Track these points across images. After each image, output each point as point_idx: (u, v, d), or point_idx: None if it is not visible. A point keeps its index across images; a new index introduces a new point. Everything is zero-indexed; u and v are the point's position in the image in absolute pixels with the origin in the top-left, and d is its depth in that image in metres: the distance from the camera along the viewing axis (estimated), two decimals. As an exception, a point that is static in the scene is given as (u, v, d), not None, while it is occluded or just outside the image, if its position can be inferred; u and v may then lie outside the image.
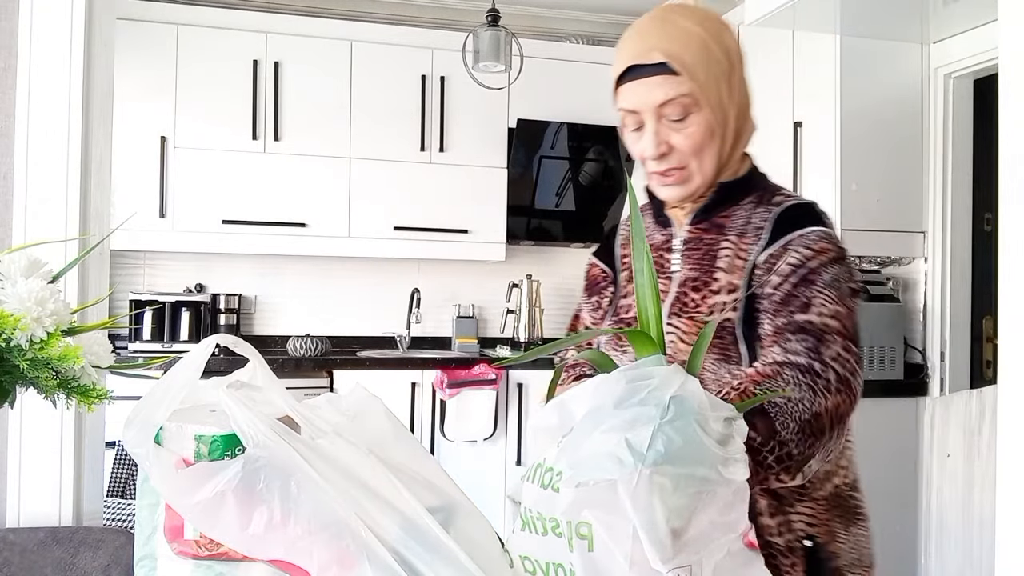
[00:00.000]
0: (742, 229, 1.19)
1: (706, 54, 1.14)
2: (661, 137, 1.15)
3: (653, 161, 1.18)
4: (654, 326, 0.80)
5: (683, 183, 1.19)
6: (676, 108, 1.13)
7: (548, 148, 4.04)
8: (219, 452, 0.72)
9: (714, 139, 1.17)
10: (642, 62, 1.15)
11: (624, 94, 1.18)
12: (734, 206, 1.22)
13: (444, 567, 0.67)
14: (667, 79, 1.13)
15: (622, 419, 0.71)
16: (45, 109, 1.51)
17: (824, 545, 1.14)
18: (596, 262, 1.37)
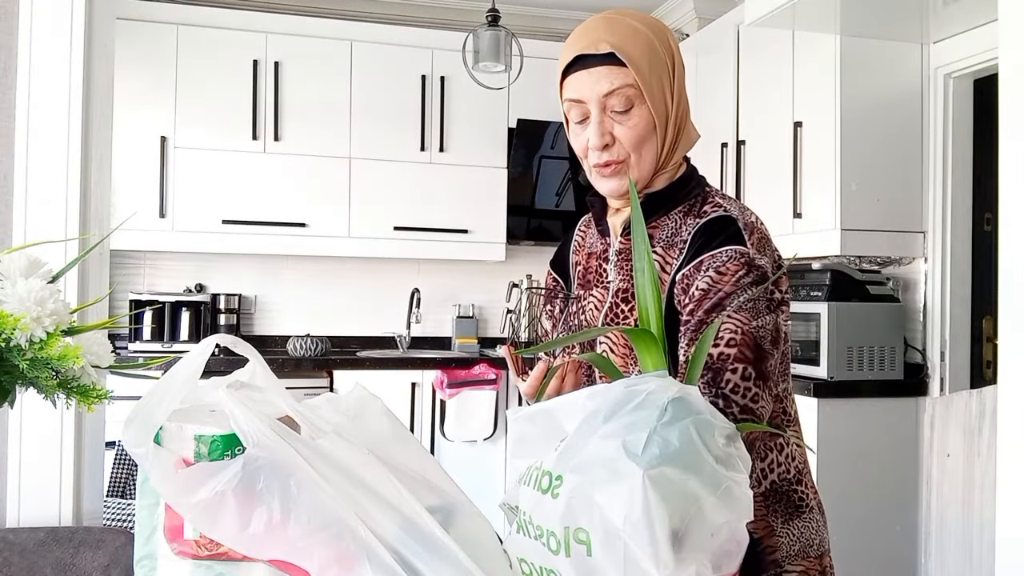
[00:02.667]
0: (670, 241, 1.19)
1: (651, 51, 1.17)
2: (605, 127, 1.18)
3: (596, 152, 1.19)
4: (655, 325, 0.80)
5: (621, 177, 1.19)
6: (620, 99, 1.16)
7: (548, 148, 4.04)
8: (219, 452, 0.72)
9: (654, 135, 1.18)
10: (590, 52, 1.17)
11: (571, 84, 1.20)
12: (664, 216, 1.21)
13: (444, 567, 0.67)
14: (613, 69, 1.15)
15: (620, 424, 0.71)
16: (45, 109, 1.51)
17: (760, 539, 1.15)
18: (550, 270, 1.39)
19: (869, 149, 2.93)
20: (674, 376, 1.03)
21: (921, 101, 3.00)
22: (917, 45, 2.98)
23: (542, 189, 4.11)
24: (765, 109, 3.29)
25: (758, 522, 1.15)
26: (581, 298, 1.26)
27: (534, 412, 0.80)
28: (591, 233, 1.32)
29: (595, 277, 1.26)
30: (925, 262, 3.01)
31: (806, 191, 3.06)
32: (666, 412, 0.70)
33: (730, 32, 3.46)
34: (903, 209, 2.98)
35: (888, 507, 2.86)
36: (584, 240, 1.34)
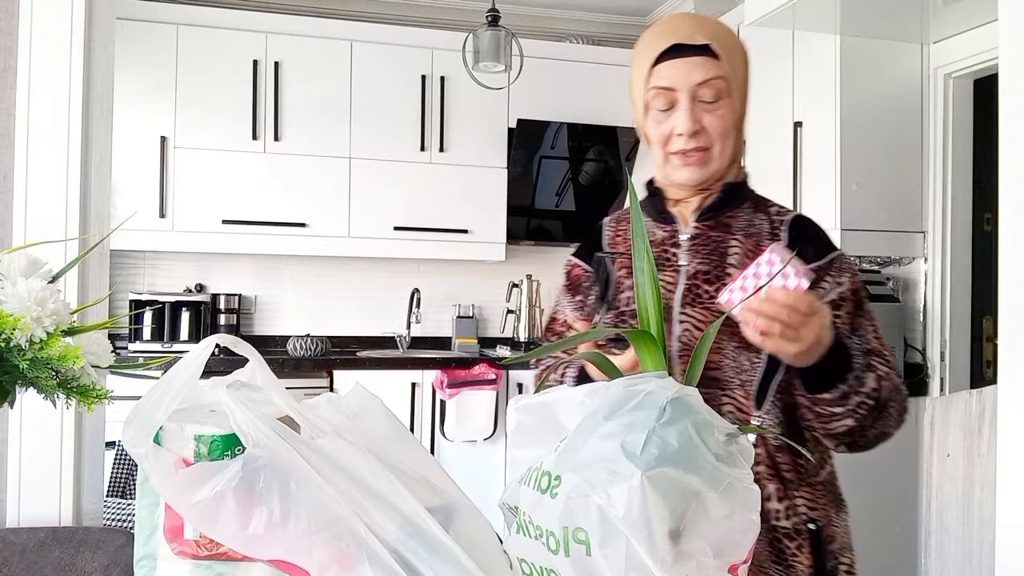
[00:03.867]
0: (746, 231, 1.27)
1: (737, 50, 1.26)
2: (695, 115, 1.22)
3: (683, 137, 1.22)
4: (655, 325, 0.80)
5: (704, 165, 1.24)
6: (711, 90, 1.21)
7: (548, 148, 4.04)
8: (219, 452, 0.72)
9: (734, 129, 1.26)
10: (686, 42, 1.21)
11: (662, 71, 1.23)
12: (737, 208, 1.29)
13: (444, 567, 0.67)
14: (708, 60, 1.21)
15: (619, 424, 0.71)
16: (45, 109, 1.51)
17: (823, 528, 1.21)
18: (577, 262, 1.41)
19: (869, 149, 2.93)
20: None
21: (921, 101, 3.00)
22: (917, 45, 2.98)
23: (542, 189, 4.12)
24: (765, 109, 3.29)
25: (819, 510, 1.22)
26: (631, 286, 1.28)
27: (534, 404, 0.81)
28: None
29: (658, 263, 1.27)
30: (925, 262, 3.01)
31: (806, 191, 3.06)
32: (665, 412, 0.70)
33: (730, 32, 3.46)
34: (903, 209, 2.98)
35: (888, 507, 2.86)
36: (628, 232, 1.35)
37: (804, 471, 1.21)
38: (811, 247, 1.25)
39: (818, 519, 1.21)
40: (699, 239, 1.27)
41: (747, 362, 1.18)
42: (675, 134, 1.23)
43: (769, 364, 1.19)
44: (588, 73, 4.08)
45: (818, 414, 1.17)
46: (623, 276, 1.31)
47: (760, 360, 1.18)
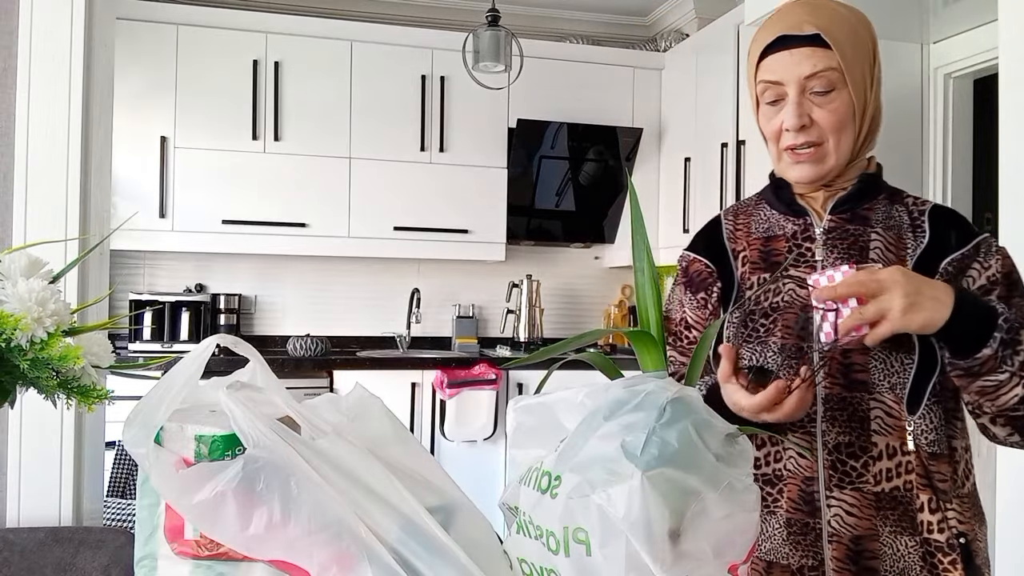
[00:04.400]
0: (886, 224, 1.20)
1: (855, 36, 1.17)
2: (803, 109, 1.16)
3: (791, 133, 1.17)
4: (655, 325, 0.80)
5: (818, 162, 1.18)
6: (822, 82, 1.15)
7: (548, 148, 4.04)
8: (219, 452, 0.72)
9: (853, 121, 1.18)
10: (794, 33, 1.15)
11: (769, 65, 1.18)
12: (873, 200, 1.22)
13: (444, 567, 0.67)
14: (817, 51, 1.14)
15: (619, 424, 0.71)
16: (45, 109, 1.51)
17: (971, 543, 1.15)
18: (697, 257, 1.31)
19: (869, 149, 2.93)
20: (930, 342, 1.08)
21: (921, 101, 3.00)
22: (917, 45, 2.98)
23: (542, 189, 4.12)
24: (765, 109, 3.28)
25: (967, 524, 1.15)
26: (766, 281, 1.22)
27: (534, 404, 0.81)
28: (761, 218, 1.27)
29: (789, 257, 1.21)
30: (925, 262, 3.00)
31: (806, 191, 3.06)
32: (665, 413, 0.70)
33: (730, 32, 3.46)
34: (903, 209, 2.98)
35: (888, 507, 2.86)
36: (749, 227, 1.28)
37: (957, 481, 1.15)
38: (953, 233, 1.17)
39: (967, 532, 1.14)
40: (835, 232, 1.20)
41: (897, 363, 1.13)
42: (784, 129, 1.18)
43: (922, 365, 1.12)
44: (588, 73, 4.08)
45: (982, 389, 1.08)
46: (747, 272, 1.25)
47: (912, 361, 1.12)
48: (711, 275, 1.28)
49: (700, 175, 3.77)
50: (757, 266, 1.24)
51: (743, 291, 1.23)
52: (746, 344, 1.19)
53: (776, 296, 1.19)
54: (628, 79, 4.16)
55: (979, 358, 1.05)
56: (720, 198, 3.54)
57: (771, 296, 1.19)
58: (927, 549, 1.12)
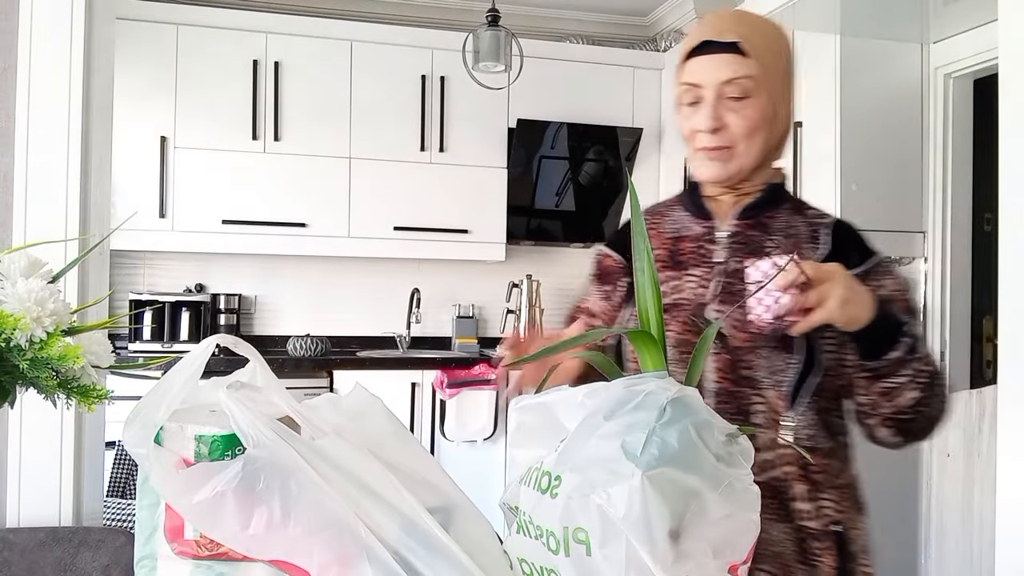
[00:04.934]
0: (786, 232, 1.28)
1: (773, 48, 1.24)
2: (718, 112, 1.22)
3: (704, 135, 1.23)
4: (655, 325, 0.80)
5: (726, 161, 1.24)
6: (738, 88, 1.21)
7: (548, 148, 4.04)
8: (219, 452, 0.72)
9: (763, 129, 1.24)
10: (716, 39, 1.21)
11: (691, 67, 1.24)
12: (776, 209, 1.30)
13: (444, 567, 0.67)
14: (736, 58, 1.20)
15: (620, 424, 0.71)
16: (45, 109, 1.51)
17: (847, 531, 1.22)
18: (609, 252, 1.40)
19: (869, 149, 2.93)
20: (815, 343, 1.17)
21: (921, 101, 3.00)
22: (917, 45, 2.98)
23: (542, 189, 4.11)
24: (765, 109, 3.28)
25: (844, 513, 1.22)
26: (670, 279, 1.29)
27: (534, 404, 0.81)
28: (673, 218, 1.35)
29: (692, 258, 1.28)
30: (925, 262, 3.01)
31: (806, 191, 3.06)
32: (665, 412, 0.70)
33: (730, 32, 3.46)
34: (903, 209, 2.98)
35: (888, 507, 2.86)
36: (661, 226, 1.36)
37: (832, 473, 1.22)
38: (854, 253, 1.26)
39: (843, 521, 1.22)
40: (738, 237, 1.28)
41: (782, 363, 1.19)
42: (697, 130, 1.24)
43: (804, 365, 1.19)
44: (588, 73, 4.08)
45: (884, 390, 1.16)
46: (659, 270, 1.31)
47: (795, 361, 1.19)
48: (620, 270, 1.36)
49: (700, 175, 3.77)
50: (664, 264, 1.31)
51: None
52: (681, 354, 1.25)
53: (676, 293, 1.26)
54: (628, 79, 4.16)
55: (887, 360, 1.14)
56: (720, 198, 3.55)
57: (672, 293, 1.27)
58: (801, 536, 1.19)
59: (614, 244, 1.42)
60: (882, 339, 1.13)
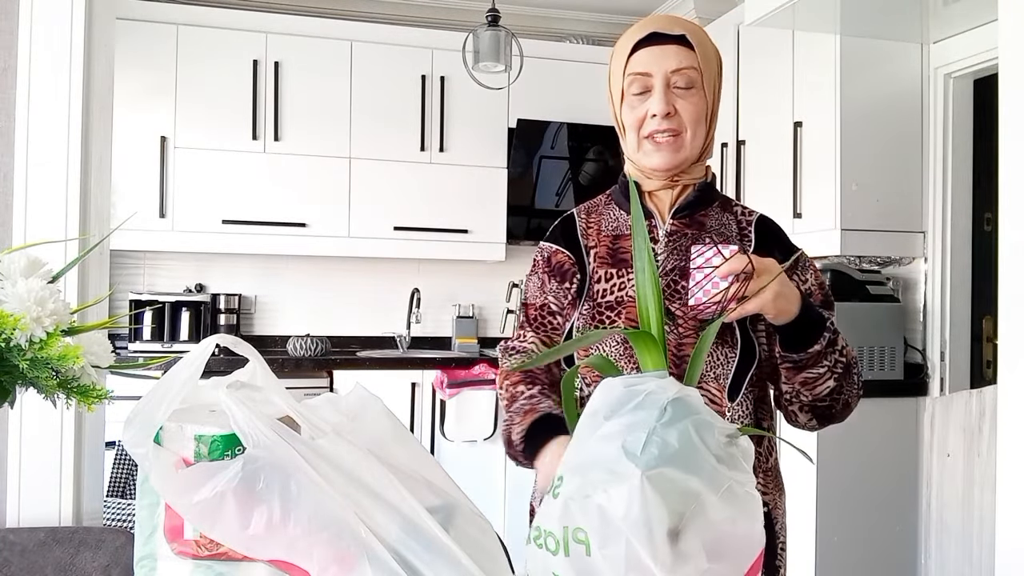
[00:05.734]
0: (718, 230, 1.34)
1: (712, 49, 1.32)
2: (669, 98, 1.28)
3: (657, 119, 1.27)
4: (655, 325, 0.80)
5: (676, 151, 1.29)
6: (684, 78, 1.27)
7: (548, 148, 4.04)
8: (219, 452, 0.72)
9: (704, 122, 1.30)
10: (664, 31, 1.28)
11: (640, 58, 1.30)
12: (708, 207, 1.35)
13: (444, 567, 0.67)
14: (683, 50, 1.28)
15: (620, 424, 0.71)
16: (45, 109, 1.51)
17: (772, 511, 1.31)
18: (560, 248, 1.41)
19: (869, 149, 2.93)
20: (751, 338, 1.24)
21: (921, 101, 3.00)
22: (917, 45, 2.98)
23: (542, 189, 4.11)
24: (765, 109, 3.28)
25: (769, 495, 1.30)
26: (611, 276, 1.32)
27: None
28: (611, 217, 1.40)
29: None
30: (925, 262, 3.01)
31: (806, 191, 3.06)
32: (665, 413, 0.70)
33: (730, 32, 3.46)
34: (903, 209, 2.98)
35: (888, 507, 2.86)
36: (600, 224, 1.40)
37: (763, 458, 1.31)
38: (777, 249, 1.32)
39: (769, 502, 1.30)
40: (675, 236, 1.32)
41: (722, 357, 1.26)
42: (649, 115, 1.28)
43: (742, 359, 1.27)
44: (588, 73, 4.08)
45: (805, 380, 1.25)
46: (596, 267, 1.35)
47: (735, 355, 1.26)
48: (573, 266, 1.39)
49: (700, 175, 3.77)
50: (605, 262, 1.34)
51: (592, 285, 1.34)
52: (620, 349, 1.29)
53: (621, 291, 1.30)
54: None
55: (810, 353, 1.22)
56: (720, 198, 3.55)
57: (617, 291, 1.31)
58: None
59: (560, 239, 1.43)
60: (806, 333, 1.21)
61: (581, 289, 1.36)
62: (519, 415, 1.27)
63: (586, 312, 1.32)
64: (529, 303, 1.42)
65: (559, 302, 1.38)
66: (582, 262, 1.37)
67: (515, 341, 1.40)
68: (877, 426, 2.85)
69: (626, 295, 1.30)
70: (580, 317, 1.33)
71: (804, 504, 2.78)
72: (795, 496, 2.84)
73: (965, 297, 2.98)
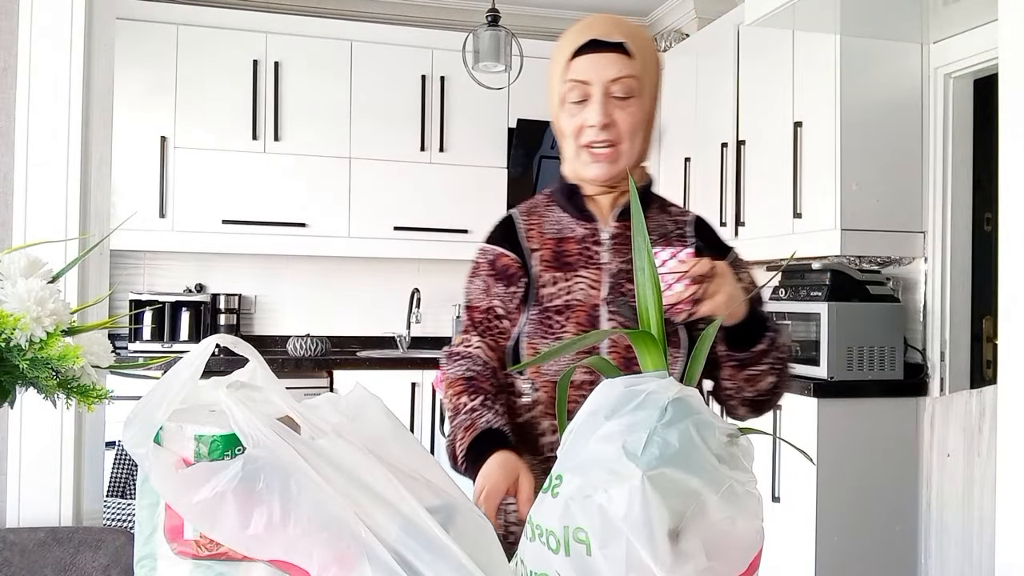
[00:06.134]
0: (659, 232, 1.35)
1: (651, 54, 1.31)
2: (607, 109, 1.26)
3: (594, 129, 1.27)
4: (655, 325, 0.80)
5: (613, 162, 1.29)
6: (623, 87, 1.26)
7: (548, 148, 4.04)
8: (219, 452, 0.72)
9: (643, 129, 1.30)
10: (604, 39, 1.26)
11: (579, 65, 1.27)
12: (649, 210, 1.36)
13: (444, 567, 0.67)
14: (622, 58, 1.26)
15: (620, 424, 0.71)
16: (45, 109, 1.51)
17: None
18: (504, 252, 1.38)
19: (869, 149, 2.93)
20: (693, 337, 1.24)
21: (921, 101, 3.00)
22: (917, 45, 2.98)
23: (542, 189, 4.11)
24: (765, 109, 3.28)
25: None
26: (557, 280, 1.31)
27: None
28: (553, 219, 1.38)
29: (579, 260, 1.32)
30: (925, 262, 3.01)
31: (806, 191, 3.06)
32: (666, 413, 0.70)
33: (730, 32, 3.46)
34: (903, 209, 2.98)
35: (888, 507, 2.86)
36: (542, 226, 1.37)
37: None
38: (714, 249, 1.33)
39: None
40: (619, 238, 1.32)
41: (670, 357, 1.26)
42: (586, 126, 1.27)
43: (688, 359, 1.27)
44: (588, 73, 4.08)
45: (748, 377, 1.27)
46: (541, 270, 1.33)
47: (680, 354, 1.29)
48: (519, 269, 1.36)
49: (700, 175, 3.77)
50: (550, 265, 1.33)
51: (538, 288, 1.32)
52: (542, 340, 1.29)
53: (568, 294, 1.29)
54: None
55: (755, 352, 1.24)
56: (720, 198, 3.54)
57: (564, 294, 1.29)
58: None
59: (503, 241, 1.39)
60: (752, 332, 1.23)
61: (527, 293, 1.34)
62: (461, 430, 1.24)
63: (534, 317, 1.31)
64: (473, 306, 1.40)
65: (505, 306, 1.35)
66: (526, 265, 1.35)
67: (460, 346, 1.36)
68: (877, 426, 2.85)
69: (574, 299, 1.29)
70: (529, 322, 1.31)
71: (804, 504, 2.78)
72: (795, 496, 2.84)
73: (965, 297, 2.98)
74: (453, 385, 1.29)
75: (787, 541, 2.83)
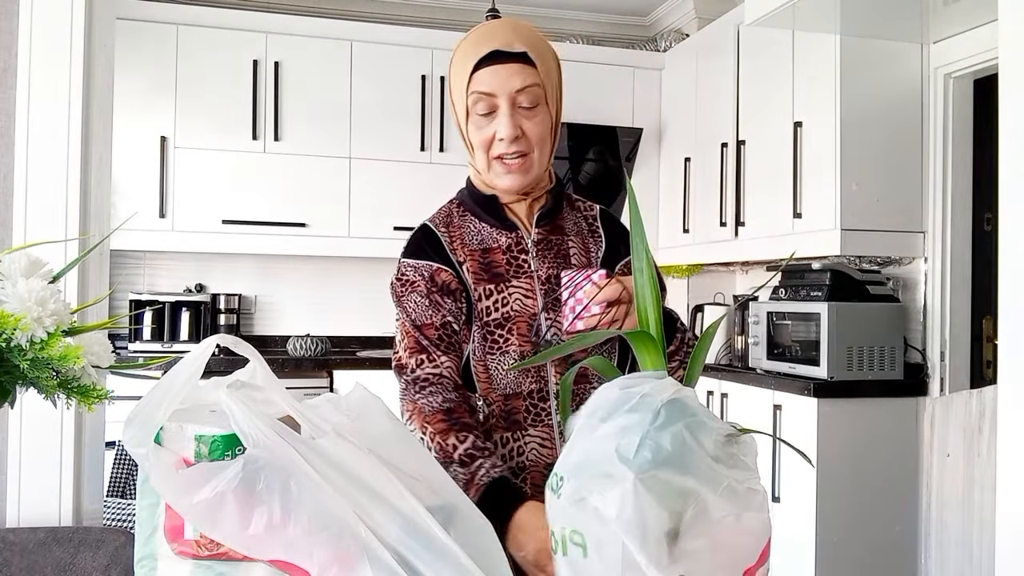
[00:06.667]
0: (576, 231, 1.35)
1: (553, 61, 1.30)
2: (516, 121, 1.25)
3: (504, 142, 1.26)
4: (654, 325, 0.80)
5: (525, 172, 1.28)
6: (529, 97, 1.25)
7: (548, 148, 4.03)
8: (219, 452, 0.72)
9: (550, 136, 1.30)
10: (506, 49, 1.24)
11: (482, 77, 1.25)
12: (562, 210, 1.36)
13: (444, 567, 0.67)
14: (525, 68, 1.24)
15: (615, 426, 0.71)
16: (45, 109, 1.51)
17: None
18: (442, 267, 1.30)
19: (869, 149, 2.93)
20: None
21: (921, 101, 3.00)
22: (917, 45, 2.98)
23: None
24: (765, 109, 3.28)
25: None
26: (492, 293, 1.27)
27: None
28: (472, 230, 1.34)
29: (509, 269, 1.29)
30: (925, 262, 3.01)
31: (806, 191, 3.06)
32: (659, 415, 0.70)
33: (730, 32, 3.46)
34: (903, 209, 2.98)
35: (888, 507, 2.86)
36: (463, 238, 1.33)
37: None
38: (621, 240, 1.35)
39: None
40: (542, 244, 1.32)
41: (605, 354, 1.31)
42: (496, 139, 1.27)
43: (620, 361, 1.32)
44: (588, 73, 4.08)
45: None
46: (472, 283, 1.28)
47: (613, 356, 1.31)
48: (459, 285, 1.29)
49: (700, 175, 3.77)
50: (480, 277, 1.29)
51: (475, 303, 1.28)
52: (489, 356, 1.25)
53: (505, 306, 1.27)
54: (628, 79, 4.16)
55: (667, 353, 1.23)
56: (720, 198, 3.54)
57: (501, 307, 1.27)
58: None
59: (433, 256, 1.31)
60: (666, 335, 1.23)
61: (470, 308, 1.28)
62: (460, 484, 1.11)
63: (476, 334, 1.26)
64: (425, 323, 1.26)
65: (457, 321, 1.27)
66: (463, 280, 1.29)
67: (423, 369, 1.23)
68: (877, 426, 2.85)
69: (511, 310, 1.26)
70: (473, 340, 1.26)
71: (804, 504, 2.78)
72: (795, 496, 2.84)
73: (965, 297, 2.98)
74: (431, 422, 1.18)
75: (787, 541, 2.83)
